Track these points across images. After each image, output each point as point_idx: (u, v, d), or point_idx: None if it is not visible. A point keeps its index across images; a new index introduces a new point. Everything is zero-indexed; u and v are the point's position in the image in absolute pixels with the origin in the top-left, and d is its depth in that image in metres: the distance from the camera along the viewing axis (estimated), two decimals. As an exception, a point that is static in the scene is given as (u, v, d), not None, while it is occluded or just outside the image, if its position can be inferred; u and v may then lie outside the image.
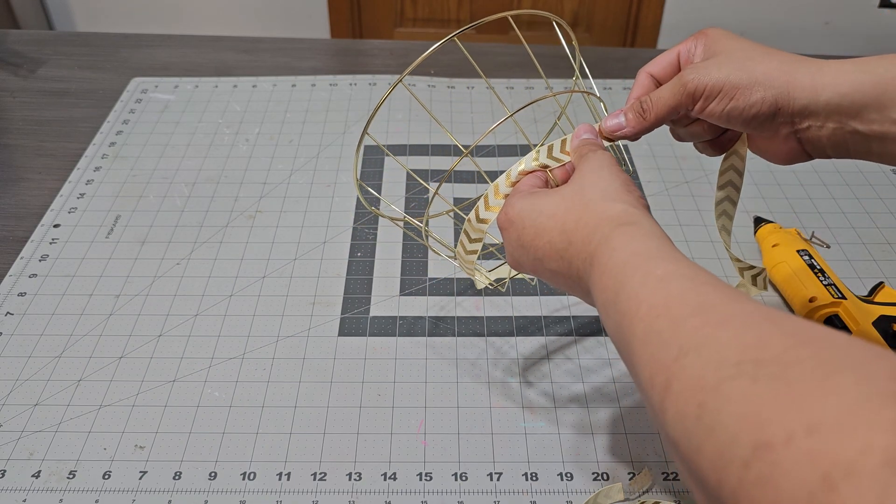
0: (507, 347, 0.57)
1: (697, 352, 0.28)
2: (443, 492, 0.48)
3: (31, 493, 0.48)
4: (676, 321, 0.30)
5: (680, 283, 0.32)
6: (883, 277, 0.63)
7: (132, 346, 0.57)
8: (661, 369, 0.29)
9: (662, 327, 0.30)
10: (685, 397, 0.27)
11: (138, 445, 0.50)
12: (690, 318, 0.30)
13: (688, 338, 0.29)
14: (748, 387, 0.24)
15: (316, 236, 0.67)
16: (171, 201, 0.71)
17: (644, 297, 0.32)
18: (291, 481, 0.48)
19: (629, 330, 0.32)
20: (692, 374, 0.27)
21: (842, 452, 0.20)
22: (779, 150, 0.44)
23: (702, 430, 0.25)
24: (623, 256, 0.35)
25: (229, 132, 0.81)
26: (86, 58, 0.95)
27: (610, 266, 0.35)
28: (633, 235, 0.36)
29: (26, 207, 0.71)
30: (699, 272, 0.33)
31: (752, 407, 0.24)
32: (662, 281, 0.32)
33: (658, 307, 0.31)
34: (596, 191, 0.40)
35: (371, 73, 0.91)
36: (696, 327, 0.29)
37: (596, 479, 0.49)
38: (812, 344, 0.25)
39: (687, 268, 0.33)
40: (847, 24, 2.01)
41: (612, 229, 0.37)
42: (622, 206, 0.38)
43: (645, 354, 0.31)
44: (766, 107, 0.41)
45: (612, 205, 0.38)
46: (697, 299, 0.31)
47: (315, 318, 0.60)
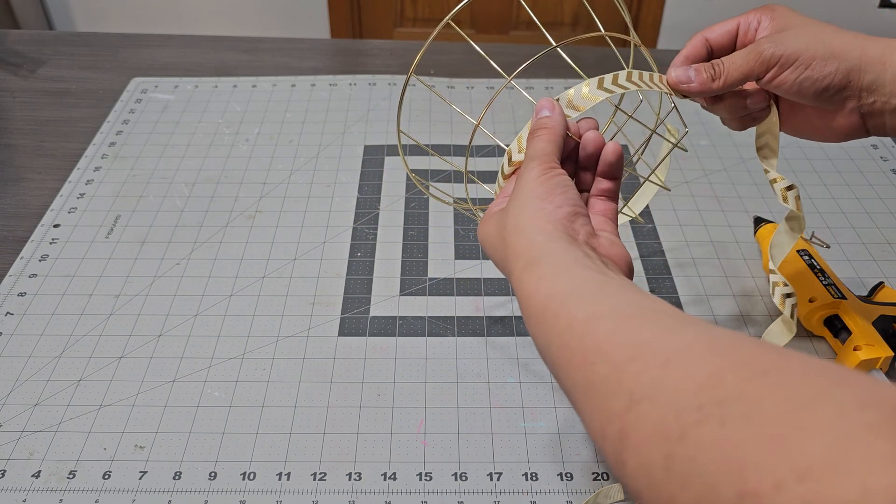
0: (507, 347, 0.57)
1: (651, 399, 0.26)
2: (443, 492, 0.48)
3: (31, 493, 0.48)
4: (615, 367, 0.28)
5: (606, 322, 0.31)
6: (883, 277, 0.63)
7: (132, 346, 0.57)
8: (613, 420, 0.27)
9: (602, 375, 0.29)
10: (648, 449, 0.25)
11: (138, 445, 0.50)
12: (631, 363, 0.28)
13: (634, 384, 0.27)
14: (717, 431, 0.23)
15: (316, 236, 0.67)
16: (171, 201, 0.71)
17: (574, 345, 0.31)
18: (291, 481, 0.48)
19: (568, 380, 0.31)
20: (650, 423, 0.26)
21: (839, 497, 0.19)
22: (839, 126, 0.44)
23: (674, 482, 0.24)
24: (538, 302, 0.34)
25: (229, 132, 0.81)
26: (86, 58, 0.95)
27: (530, 313, 0.34)
28: (541, 276, 0.34)
29: (26, 207, 0.71)
30: (622, 303, 0.31)
31: (729, 453, 0.22)
32: (588, 323, 0.31)
33: (591, 354, 0.30)
34: (511, 219, 0.38)
35: (371, 73, 0.92)
36: (639, 371, 0.27)
37: (596, 479, 0.49)
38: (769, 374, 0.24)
39: (609, 300, 0.32)
40: (847, 24, 2.00)
41: (521, 272, 0.36)
42: (527, 239, 0.36)
43: (590, 405, 0.29)
44: (839, 79, 0.41)
45: (519, 238, 0.37)
46: (630, 338, 0.29)
47: (315, 318, 0.60)
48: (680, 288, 0.62)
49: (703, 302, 0.61)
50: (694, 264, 0.65)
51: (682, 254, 0.66)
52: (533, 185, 0.38)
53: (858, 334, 0.54)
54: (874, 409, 0.21)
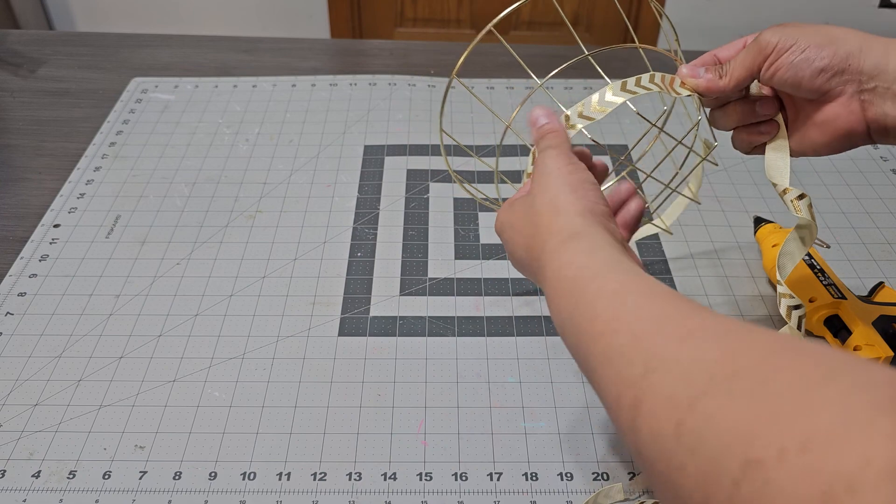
0: (507, 347, 0.57)
1: (665, 369, 0.27)
2: (443, 492, 0.48)
3: (31, 492, 0.48)
4: (637, 337, 0.29)
5: (635, 297, 0.32)
6: (883, 277, 0.63)
7: (132, 346, 0.57)
8: (628, 387, 0.28)
9: (623, 344, 0.30)
10: (659, 416, 0.26)
11: (138, 445, 0.50)
12: (652, 335, 0.29)
13: (651, 354, 0.28)
14: (727, 403, 0.24)
15: (316, 236, 0.67)
16: (171, 201, 0.71)
17: (599, 312, 0.32)
18: (291, 481, 0.48)
19: (588, 348, 0.32)
20: (663, 391, 0.27)
21: (840, 466, 0.20)
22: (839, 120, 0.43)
23: (683, 450, 0.25)
24: (571, 273, 0.35)
25: (229, 132, 0.81)
26: (86, 58, 0.95)
27: (560, 285, 0.35)
28: (578, 250, 0.36)
29: (26, 207, 0.71)
30: (653, 284, 0.32)
31: (736, 423, 0.23)
32: (617, 295, 0.32)
33: (615, 323, 0.31)
34: (544, 201, 0.39)
35: (371, 73, 0.91)
36: (658, 343, 0.29)
37: (596, 479, 0.49)
38: (785, 354, 0.25)
39: (640, 280, 0.33)
40: (847, 24, 2.00)
41: (557, 245, 0.37)
42: (566, 219, 0.38)
43: (608, 372, 0.30)
44: (837, 60, 0.41)
45: (555, 218, 0.38)
46: (655, 313, 0.30)
47: (315, 318, 0.60)
48: (680, 288, 0.62)
49: (703, 302, 0.61)
50: (694, 265, 0.65)
51: (682, 253, 0.66)
52: (563, 172, 0.40)
53: (858, 334, 0.54)
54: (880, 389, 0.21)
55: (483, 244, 0.67)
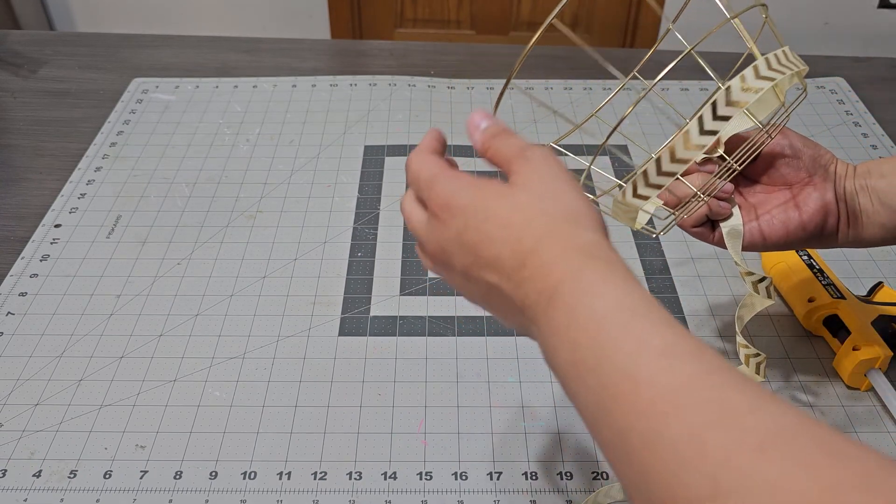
0: (506, 347, 0.57)
1: (743, 499, 0.21)
2: (443, 491, 0.48)
3: (32, 492, 0.48)
4: (696, 432, 0.23)
5: (687, 365, 0.24)
6: (882, 277, 0.64)
7: (133, 345, 0.57)
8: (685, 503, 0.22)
9: (676, 436, 0.23)
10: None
11: (139, 445, 0.50)
12: (714, 431, 0.22)
13: (720, 467, 0.21)
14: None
15: (316, 236, 0.68)
16: (172, 201, 0.72)
17: (643, 380, 0.24)
18: (292, 481, 0.49)
19: (623, 420, 0.25)
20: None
21: None
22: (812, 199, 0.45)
23: None
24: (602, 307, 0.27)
25: (230, 132, 0.81)
26: (86, 58, 0.95)
27: (582, 315, 0.27)
28: (607, 277, 0.28)
29: (27, 207, 0.71)
30: (699, 343, 0.26)
31: None
32: (665, 358, 0.25)
33: (663, 402, 0.24)
34: (559, 207, 0.31)
35: (371, 73, 0.92)
36: (726, 449, 0.22)
37: (596, 478, 0.49)
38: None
39: (686, 337, 0.26)
40: (846, 24, 2.01)
41: (582, 263, 0.28)
42: (591, 235, 0.30)
43: (652, 464, 0.23)
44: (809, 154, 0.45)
45: (578, 231, 0.30)
46: (715, 397, 0.23)
47: (315, 318, 0.60)
48: (679, 287, 0.63)
49: (702, 302, 0.61)
50: (694, 265, 0.65)
51: (682, 253, 0.66)
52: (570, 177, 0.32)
53: (857, 334, 0.54)
54: None
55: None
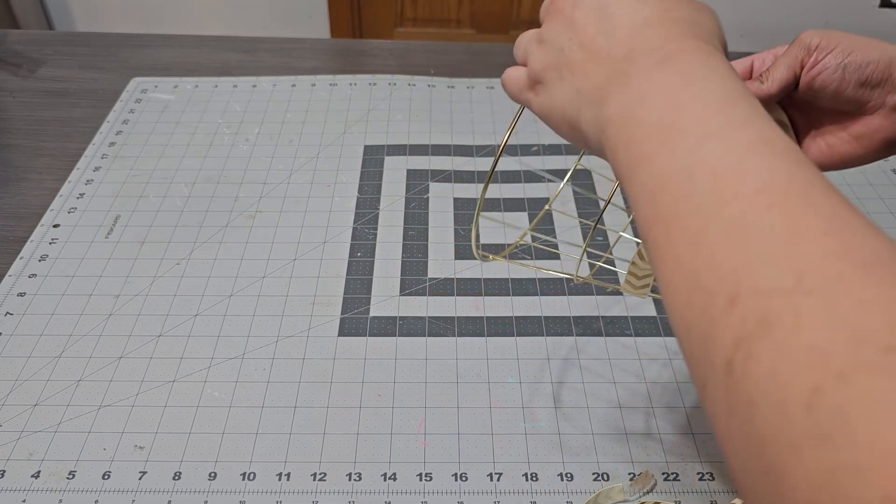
0: (507, 347, 0.57)
1: (827, 298, 0.19)
2: (443, 492, 0.48)
3: (30, 493, 0.48)
4: (797, 230, 0.21)
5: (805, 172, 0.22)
6: (883, 277, 0.63)
7: (132, 346, 0.57)
8: (761, 295, 0.20)
9: (773, 228, 0.21)
10: (791, 363, 0.18)
11: (138, 446, 0.50)
12: (820, 238, 0.20)
13: (815, 266, 0.20)
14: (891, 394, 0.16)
15: (316, 236, 0.67)
16: (171, 201, 0.71)
17: (754, 168, 0.23)
18: (291, 481, 0.48)
19: (711, 198, 0.23)
20: (812, 333, 0.18)
21: None
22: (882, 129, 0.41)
23: (808, 429, 0.18)
24: (732, 90, 0.26)
25: (229, 132, 0.81)
26: (86, 58, 0.95)
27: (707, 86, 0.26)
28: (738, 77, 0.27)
29: (26, 207, 0.71)
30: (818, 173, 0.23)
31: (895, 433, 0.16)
32: (784, 158, 0.23)
33: (773, 194, 0.22)
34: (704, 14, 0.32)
35: (371, 73, 0.91)
36: (827, 255, 0.20)
37: (596, 479, 0.49)
38: None
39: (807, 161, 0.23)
40: (847, 24, 2.01)
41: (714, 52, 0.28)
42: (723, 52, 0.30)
43: (727, 252, 0.21)
44: (882, 68, 0.39)
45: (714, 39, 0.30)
46: (827, 208, 0.21)
47: (315, 318, 0.60)
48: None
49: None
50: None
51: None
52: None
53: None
54: None
55: (483, 244, 0.67)
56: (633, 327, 0.59)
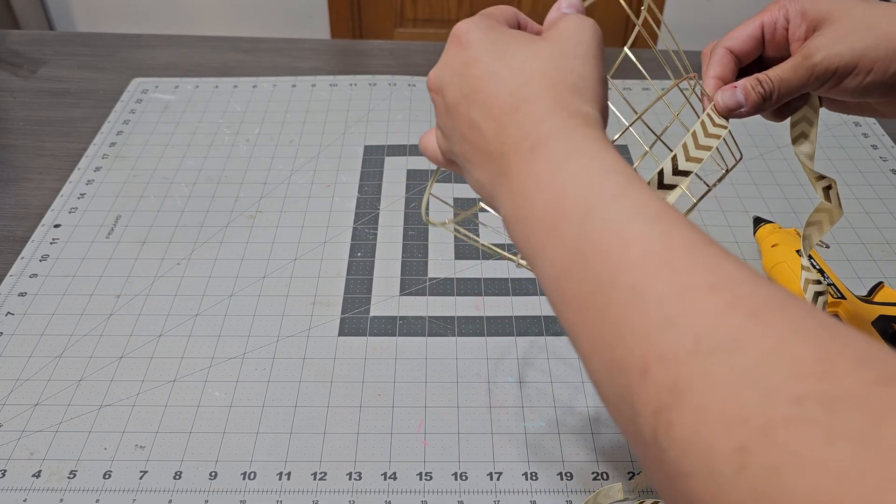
0: (507, 347, 0.57)
1: (729, 354, 0.19)
2: (443, 492, 0.48)
3: (31, 492, 0.48)
4: (683, 292, 0.21)
5: (684, 232, 0.23)
6: (882, 277, 0.63)
7: (132, 346, 0.57)
8: (666, 363, 0.20)
9: (665, 294, 0.21)
10: (711, 426, 0.19)
11: (139, 445, 0.50)
12: (709, 294, 0.21)
13: (707, 326, 0.20)
14: (821, 446, 0.17)
15: (316, 236, 0.68)
16: (172, 201, 0.72)
17: (635, 235, 0.23)
18: (291, 481, 0.48)
19: (607, 275, 0.23)
20: (723, 391, 0.19)
21: None
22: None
23: (745, 490, 0.17)
24: (595, 166, 0.26)
25: (229, 132, 0.81)
26: (86, 58, 0.95)
27: (572, 166, 0.26)
28: (601, 145, 0.27)
29: (27, 207, 0.71)
30: (696, 229, 0.24)
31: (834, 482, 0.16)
32: (660, 223, 0.23)
33: (656, 257, 0.22)
34: (575, 71, 0.30)
35: (371, 73, 0.92)
36: (719, 310, 0.20)
37: (596, 479, 0.49)
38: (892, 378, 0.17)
39: (683, 219, 0.24)
40: (847, 24, 2.00)
41: (578, 125, 0.28)
42: (594, 112, 0.29)
43: (636, 324, 0.22)
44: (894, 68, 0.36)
45: (583, 103, 0.29)
46: (712, 264, 0.22)
47: (315, 318, 0.60)
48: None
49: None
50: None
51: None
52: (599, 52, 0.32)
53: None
54: None
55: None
56: (632, 327, 0.59)
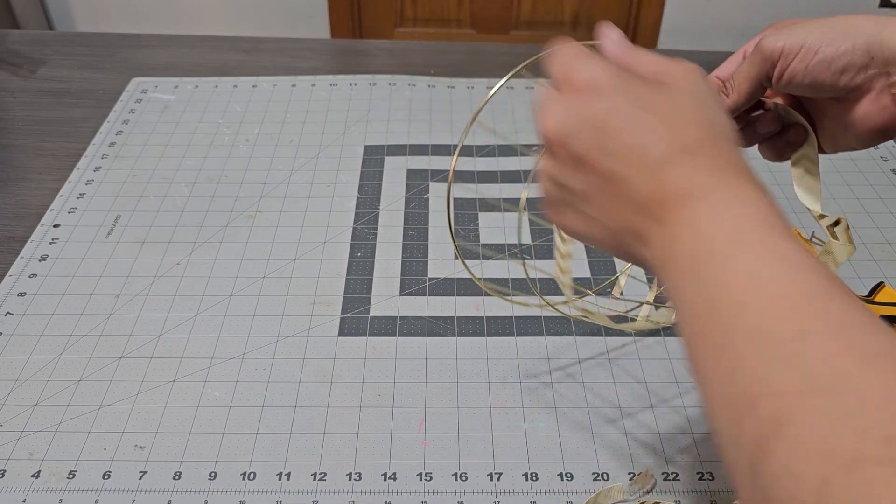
0: (507, 347, 0.57)
1: (833, 395, 0.21)
2: (443, 492, 0.48)
3: (31, 493, 0.48)
4: (805, 334, 0.23)
5: (813, 280, 0.25)
6: (883, 277, 0.63)
7: (132, 346, 0.57)
8: (774, 397, 0.22)
9: (785, 337, 0.23)
10: (802, 456, 0.21)
11: (138, 445, 0.50)
12: (826, 339, 0.23)
13: (820, 367, 0.22)
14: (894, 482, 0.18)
15: (316, 236, 0.67)
16: (171, 201, 0.71)
17: (767, 281, 0.25)
18: (291, 481, 0.48)
19: (735, 315, 0.25)
20: (818, 427, 0.21)
21: None
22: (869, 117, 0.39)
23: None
24: (753, 213, 0.27)
25: (229, 132, 0.81)
26: (86, 58, 0.95)
27: (729, 218, 0.27)
28: (761, 194, 0.28)
29: (26, 207, 0.71)
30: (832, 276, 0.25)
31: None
32: (796, 268, 0.25)
33: (784, 302, 0.24)
34: (720, 121, 0.31)
35: (371, 73, 0.91)
36: (832, 354, 0.22)
37: (596, 479, 0.49)
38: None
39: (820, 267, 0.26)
40: (847, 24, 2.00)
41: (742, 176, 0.29)
42: (742, 158, 0.30)
43: (752, 361, 0.24)
44: (858, 56, 0.37)
45: (736, 152, 0.30)
46: (835, 310, 0.24)
47: (315, 318, 0.60)
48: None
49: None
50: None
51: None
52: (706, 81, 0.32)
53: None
54: None
55: (483, 244, 0.67)
56: (632, 327, 0.59)
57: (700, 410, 0.53)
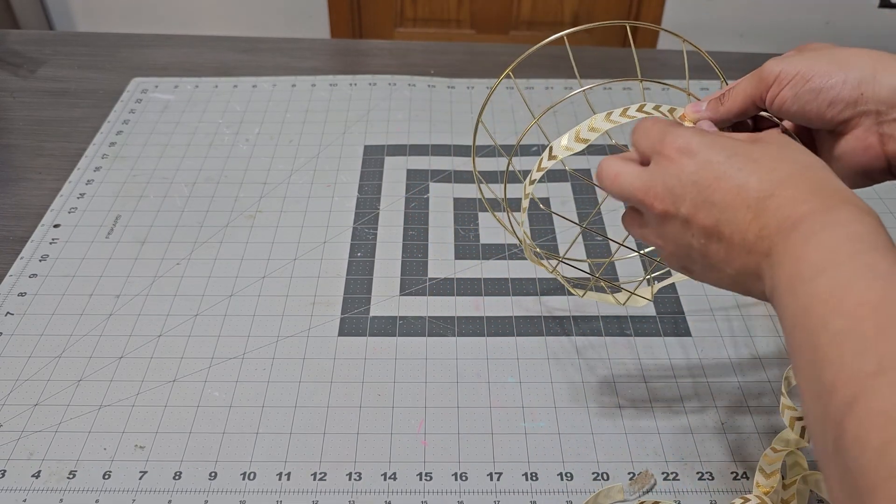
0: (507, 347, 0.57)
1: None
2: (443, 492, 0.48)
3: (31, 493, 0.48)
4: (883, 328, 0.26)
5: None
6: (883, 277, 0.63)
7: (132, 346, 0.57)
8: (850, 380, 0.26)
9: (866, 331, 0.26)
10: (869, 424, 0.24)
11: (138, 445, 0.50)
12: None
13: (891, 352, 0.25)
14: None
15: (316, 236, 0.67)
16: (171, 201, 0.71)
17: (855, 289, 0.28)
18: (291, 481, 0.48)
19: (822, 320, 0.28)
20: (884, 399, 0.24)
21: None
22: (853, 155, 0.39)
23: (882, 471, 0.23)
24: (847, 232, 0.30)
25: (229, 132, 0.81)
26: (86, 58, 0.95)
27: (823, 238, 0.30)
28: (858, 215, 0.31)
29: (26, 207, 0.71)
30: None
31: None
32: (885, 279, 0.28)
33: (868, 306, 0.27)
34: (809, 159, 0.34)
35: (371, 73, 0.92)
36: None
37: (596, 479, 0.49)
38: None
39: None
40: (847, 23, 2.01)
41: (838, 200, 0.32)
42: (840, 183, 0.33)
43: (833, 355, 0.27)
44: (848, 89, 0.37)
45: (830, 175, 0.33)
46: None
47: (315, 318, 0.60)
48: (679, 287, 0.63)
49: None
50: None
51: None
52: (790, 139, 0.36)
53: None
54: None
55: (483, 244, 0.67)
56: (632, 327, 0.59)
57: (700, 410, 0.53)
